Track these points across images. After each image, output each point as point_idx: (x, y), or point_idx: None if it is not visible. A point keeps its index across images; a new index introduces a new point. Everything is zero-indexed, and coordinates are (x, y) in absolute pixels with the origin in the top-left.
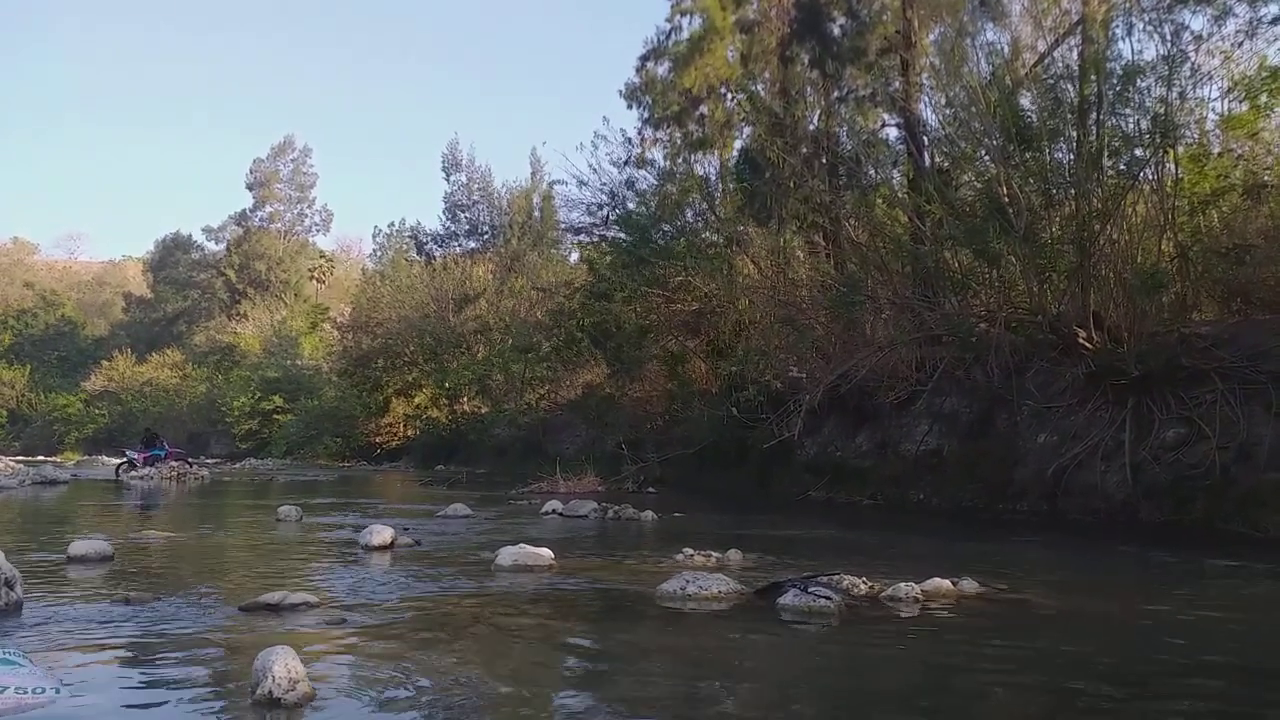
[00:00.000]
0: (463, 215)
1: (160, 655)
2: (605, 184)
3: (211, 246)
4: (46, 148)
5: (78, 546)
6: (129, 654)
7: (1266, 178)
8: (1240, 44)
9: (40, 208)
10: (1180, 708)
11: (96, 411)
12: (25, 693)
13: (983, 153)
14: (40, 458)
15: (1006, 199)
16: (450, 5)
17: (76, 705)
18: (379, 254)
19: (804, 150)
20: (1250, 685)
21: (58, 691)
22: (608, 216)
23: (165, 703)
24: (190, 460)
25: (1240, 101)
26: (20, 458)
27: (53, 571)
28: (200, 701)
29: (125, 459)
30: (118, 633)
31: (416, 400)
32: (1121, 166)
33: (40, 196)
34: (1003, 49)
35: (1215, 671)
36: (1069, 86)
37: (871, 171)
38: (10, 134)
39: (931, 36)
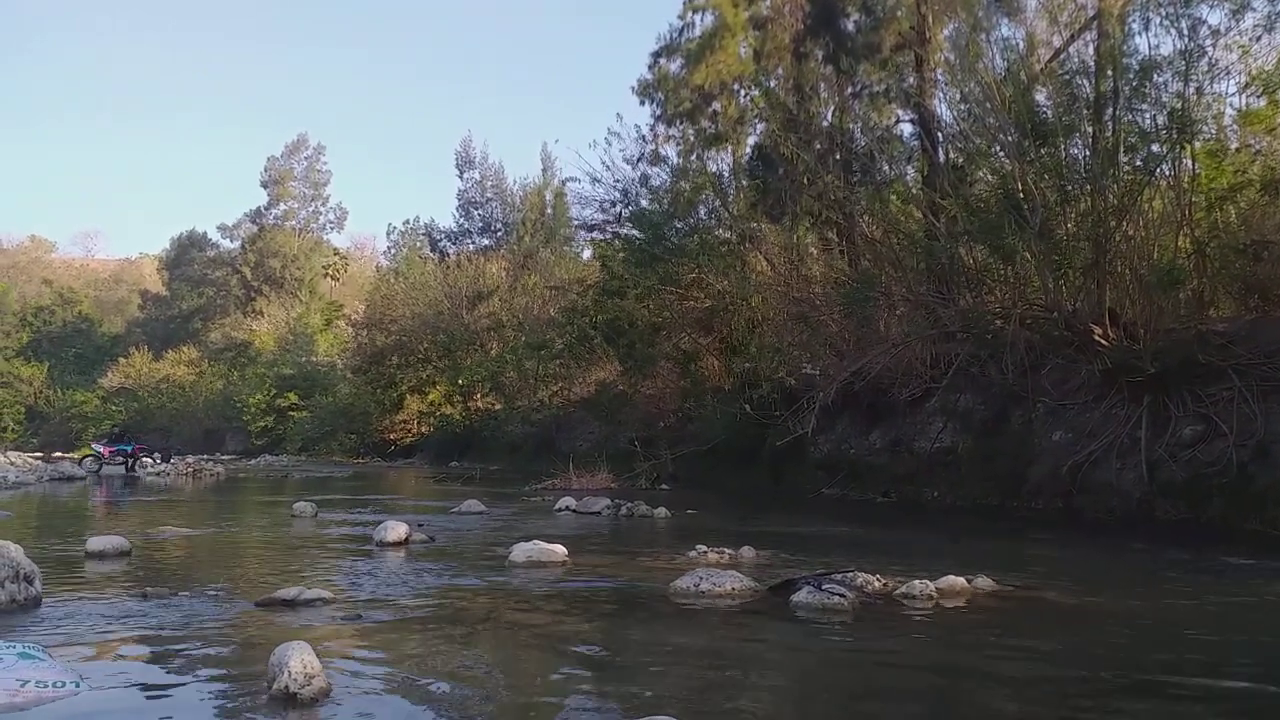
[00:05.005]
0: (476, 212)
1: (177, 649)
2: (618, 181)
3: (226, 244)
4: (63, 146)
5: (95, 542)
6: (147, 648)
7: None
8: (1258, 38)
9: (57, 206)
10: (1196, 708)
11: (113, 408)
12: (45, 686)
13: (998, 149)
14: (58, 454)
15: (1022, 195)
16: (463, 3)
17: (95, 699)
18: (393, 251)
19: (818, 146)
20: (1268, 685)
21: (77, 685)
22: (620, 214)
23: (183, 696)
24: (155, 453)
25: (1258, 96)
26: (38, 454)
27: (71, 567)
28: (217, 695)
29: (91, 453)
30: (135, 627)
31: (430, 397)
32: (1138, 162)
33: (57, 195)
34: (1018, 44)
35: (1232, 670)
36: (1085, 82)
37: (886, 167)
38: (27, 132)
39: (946, 32)
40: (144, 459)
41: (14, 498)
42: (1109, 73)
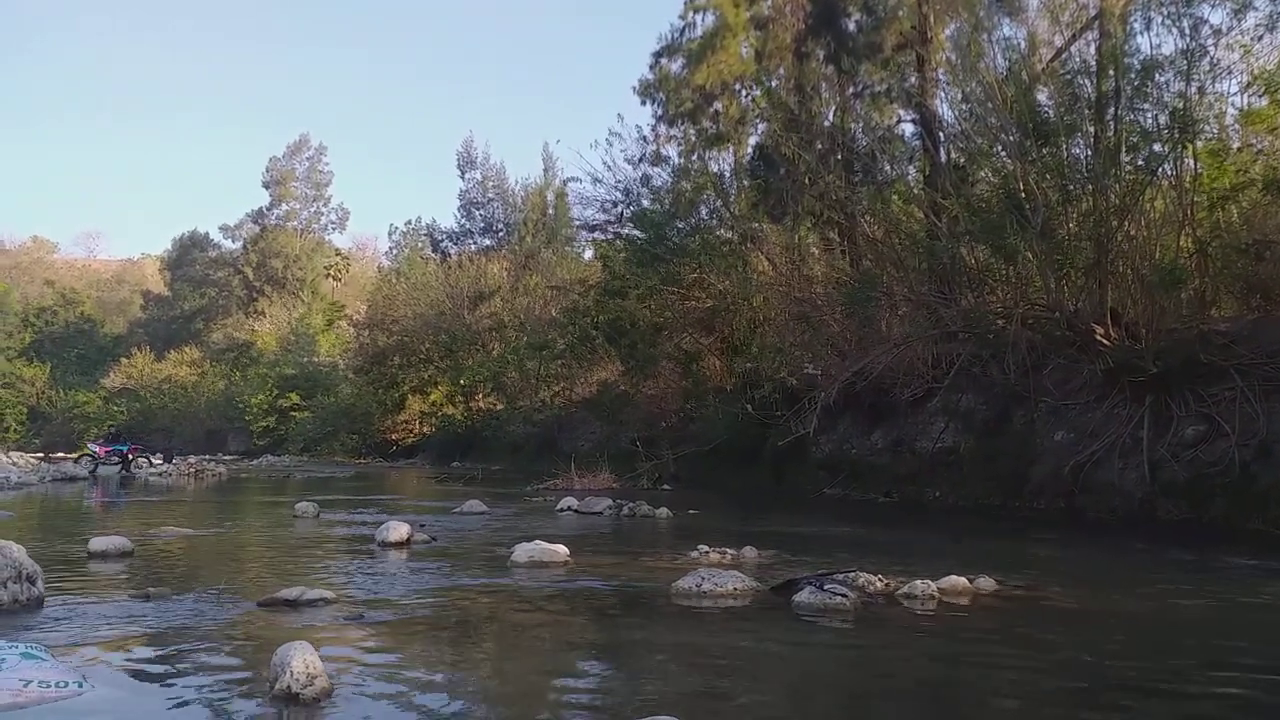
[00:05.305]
0: (477, 213)
1: (180, 650)
2: (620, 181)
3: (228, 244)
4: (64, 146)
5: (98, 542)
6: (149, 648)
7: None
8: (1260, 38)
9: (58, 206)
10: (1200, 707)
11: (115, 409)
12: (48, 686)
13: (999, 148)
14: (60, 454)
15: (1023, 195)
16: (463, 3)
17: (98, 699)
18: (395, 252)
19: (819, 146)
20: (1270, 686)
21: (80, 685)
22: (622, 214)
23: (185, 696)
24: (157, 453)
25: (1260, 96)
26: (40, 454)
27: (73, 567)
28: (219, 695)
29: (88, 453)
30: (138, 627)
31: (432, 397)
32: (1139, 162)
33: (58, 195)
34: (1019, 44)
35: (1234, 671)
36: (1086, 81)
37: (887, 167)
38: (27, 132)
39: (947, 32)
40: (139, 459)
41: (16, 498)
42: (1111, 72)
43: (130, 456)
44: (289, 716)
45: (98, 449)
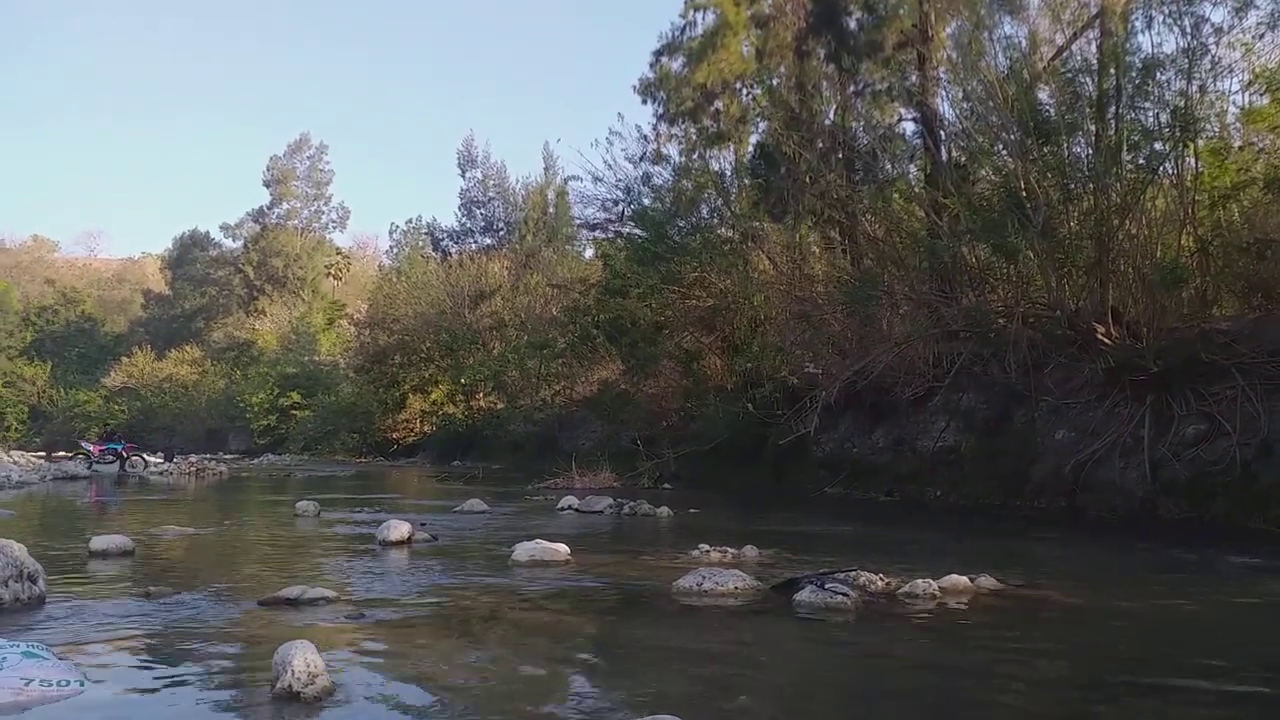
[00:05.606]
0: (478, 212)
1: (181, 649)
2: (620, 180)
3: (229, 244)
4: (64, 146)
5: (99, 541)
6: (150, 647)
7: None
8: (1262, 36)
9: (59, 206)
10: (1199, 708)
11: (116, 408)
12: (49, 685)
13: (1000, 147)
14: (60, 454)
15: (1024, 193)
16: (463, 3)
17: (99, 697)
18: (395, 251)
19: (820, 145)
20: (1271, 685)
21: (81, 684)
22: (623, 212)
23: (186, 695)
24: (158, 452)
25: (1261, 94)
26: (40, 453)
27: (74, 566)
28: (220, 694)
29: (82, 452)
30: (139, 626)
31: (433, 396)
32: (1141, 160)
33: (59, 194)
34: (1020, 42)
35: (1235, 671)
36: (1087, 80)
37: (888, 166)
38: (27, 132)
39: (948, 30)
40: (133, 458)
41: (17, 497)
42: (1112, 71)
43: (126, 455)
44: (290, 715)
45: (92, 448)
